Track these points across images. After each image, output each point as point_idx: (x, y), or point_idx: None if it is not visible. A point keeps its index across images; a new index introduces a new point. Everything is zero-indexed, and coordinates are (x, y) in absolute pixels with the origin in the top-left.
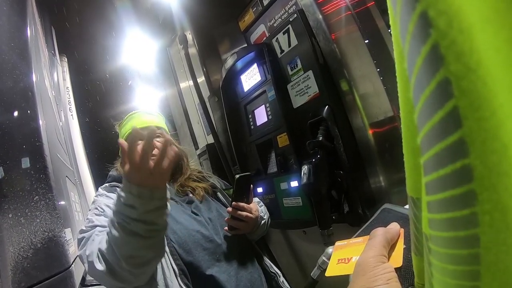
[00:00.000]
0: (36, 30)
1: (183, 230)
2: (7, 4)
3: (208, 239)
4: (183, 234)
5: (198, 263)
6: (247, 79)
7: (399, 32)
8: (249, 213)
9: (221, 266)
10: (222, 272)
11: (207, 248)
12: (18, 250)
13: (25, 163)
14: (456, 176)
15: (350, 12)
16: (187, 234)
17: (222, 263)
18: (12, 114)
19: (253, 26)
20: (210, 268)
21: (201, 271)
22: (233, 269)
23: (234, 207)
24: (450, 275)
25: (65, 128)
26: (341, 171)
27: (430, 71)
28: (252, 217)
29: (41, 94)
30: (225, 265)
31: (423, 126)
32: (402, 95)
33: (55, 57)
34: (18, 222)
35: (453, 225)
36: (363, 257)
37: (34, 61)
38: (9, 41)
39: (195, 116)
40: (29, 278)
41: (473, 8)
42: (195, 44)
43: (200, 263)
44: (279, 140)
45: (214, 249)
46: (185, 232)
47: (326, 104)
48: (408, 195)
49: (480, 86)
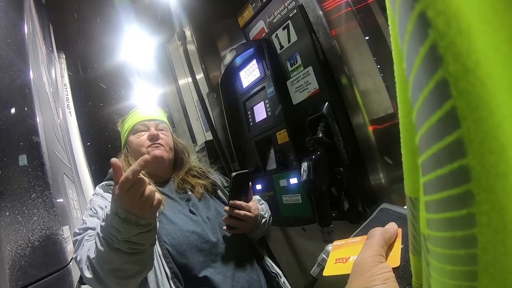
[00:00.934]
0: (33, 26)
1: (178, 231)
2: (4, 0)
3: (203, 239)
4: (177, 235)
5: (192, 266)
6: (246, 75)
7: (397, 31)
8: (248, 212)
9: (217, 267)
10: (218, 273)
11: (203, 250)
12: (15, 248)
13: (22, 160)
14: (453, 177)
15: (351, 8)
16: (181, 236)
17: (218, 263)
18: (9, 111)
19: (252, 22)
20: (205, 269)
21: (194, 273)
22: (229, 270)
23: (231, 206)
24: (448, 275)
25: (63, 125)
26: (341, 168)
27: (429, 71)
28: (251, 216)
29: (38, 91)
30: (221, 266)
31: (421, 126)
32: (401, 95)
33: (53, 53)
34: (15, 220)
35: (450, 225)
36: (361, 257)
37: (32, 57)
38: (6, 37)
39: (193, 112)
40: (26, 276)
41: (472, 9)
42: (193, 40)
43: (194, 265)
44: (278, 136)
45: (210, 249)
46: (180, 233)
47: (326, 101)
48: (406, 195)
49: (479, 87)
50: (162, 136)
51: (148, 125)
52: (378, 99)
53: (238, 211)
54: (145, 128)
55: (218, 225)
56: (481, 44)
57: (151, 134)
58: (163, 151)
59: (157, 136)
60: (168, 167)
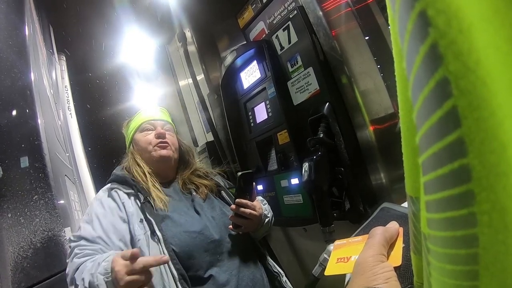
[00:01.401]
0: (34, 28)
1: (183, 233)
2: (4, 2)
3: (209, 239)
4: (183, 237)
5: (199, 266)
6: (247, 76)
7: (397, 31)
8: (253, 211)
9: (223, 265)
10: (223, 271)
11: (209, 249)
12: (17, 250)
13: (24, 162)
14: (454, 176)
15: (350, 8)
16: (187, 237)
17: (224, 262)
18: (11, 113)
19: (252, 23)
20: (211, 268)
21: (200, 273)
22: (235, 268)
23: (237, 204)
24: (448, 274)
25: (63, 126)
26: (342, 168)
27: (429, 70)
28: (256, 215)
29: (39, 93)
30: (227, 264)
31: (422, 125)
32: (401, 94)
33: (53, 55)
34: (18, 221)
35: (451, 224)
36: (362, 256)
37: (32, 59)
38: (7, 39)
39: (194, 114)
40: (29, 278)
41: (472, 7)
42: (194, 41)
43: (201, 265)
44: (279, 137)
45: (215, 249)
46: (186, 235)
47: (326, 101)
48: (407, 194)
49: (479, 86)
50: (168, 136)
51: (154, 124)
52: (378, 99)
53: (244, 209)
54: (151, 127)
55: (223, 224)
56: (481, 43)
57: (158, 132)
58: (170, 151)
59: (164, 134)
60: (174, 167)
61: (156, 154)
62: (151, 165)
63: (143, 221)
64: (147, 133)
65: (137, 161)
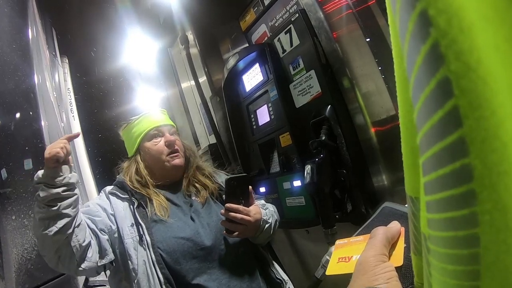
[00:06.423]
0: (37, 31)
1: (172, 238)
2: (8, 6)
3: (198, 246)
4: (171, 243)
5: (185, 272)
6: (249, 79)
7: (398, 31)
8: (246, 216)
9: (212, 274)
10: (213, 280)
11: (197, 256)
12: (21, 252)
13: (28, 164)
14: (456, 176)
15: (351, 10)
16: (175, 243)
17: (214, 270)
18: (15, 116)
19: (254, 26)
20: (199, 276)
21: (187, 280)
22: (225, 277)
23: (226, 209)
24: (449, 275)
25: (66, 129)
26: (344, 170)
27: (430, 70)
28: (249, 220)
29: (43, 96)
30: (217, 273)
31: (422, 125)
32: (401, 94)
33: (56, 58)
34: (22, 224)
35: (452, 225)
36: (364, 256)
37: (36, 62)
38: (10, 42)
39: (197, 116)
40: (33, 279)
41: (473, 7)
42: (196, 44)
43: (187, 272)
44: (281, 139)
45: (205, 256)
46: (174, 241)
47: (328, 104)
48: (407, 194)
49: (480, 85)
50: (177, 142)
51: (162, 131)
52: (380, 101)
53: (234, 214)
54: (160, 133)
55: (219, 231)
56: (482, 42)
57: (168, 140)
58: (181, 158)
59: (174, 142)
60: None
61: (169, 164)
62: (161, 173)
63: (134, 225)
64: (156, 141)
65: (141, 171)
